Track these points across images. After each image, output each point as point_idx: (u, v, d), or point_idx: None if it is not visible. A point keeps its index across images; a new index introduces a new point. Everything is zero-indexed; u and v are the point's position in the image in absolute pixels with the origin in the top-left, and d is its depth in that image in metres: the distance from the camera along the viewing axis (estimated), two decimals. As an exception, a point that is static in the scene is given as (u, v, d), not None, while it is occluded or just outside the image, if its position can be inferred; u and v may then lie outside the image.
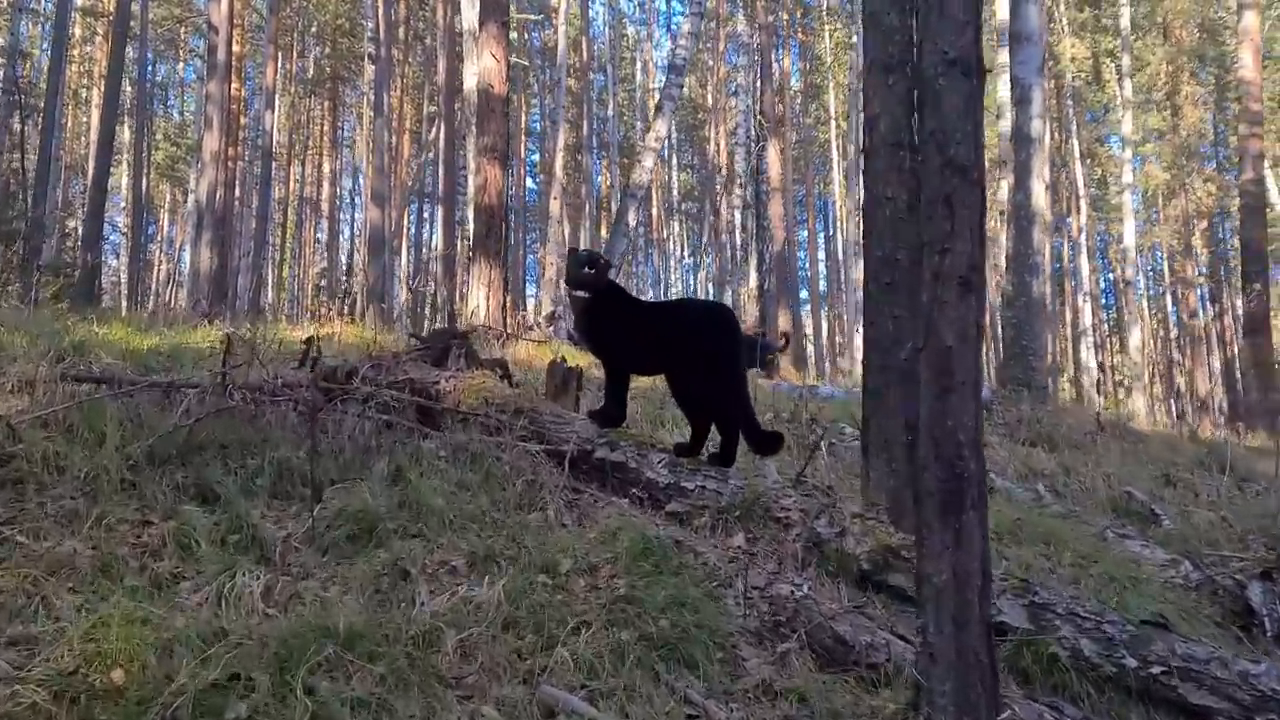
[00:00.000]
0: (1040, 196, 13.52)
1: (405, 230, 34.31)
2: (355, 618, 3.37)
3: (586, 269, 5.47)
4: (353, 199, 42.84)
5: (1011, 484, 7.54)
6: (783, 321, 21.29)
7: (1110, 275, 42.65)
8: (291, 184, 39.50)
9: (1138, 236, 27.31)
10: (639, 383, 7.24)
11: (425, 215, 37.55)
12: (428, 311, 28.83)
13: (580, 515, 5.00)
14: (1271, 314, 21.48)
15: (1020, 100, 13.55)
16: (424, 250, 36.74)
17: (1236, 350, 33.38)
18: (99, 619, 3.16)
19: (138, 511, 4.31)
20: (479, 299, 11.76)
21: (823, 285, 46.18)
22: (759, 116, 20.23)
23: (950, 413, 3.29)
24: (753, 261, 20.31)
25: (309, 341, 6.54)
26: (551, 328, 13.82)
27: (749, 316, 19.02)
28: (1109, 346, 39.38)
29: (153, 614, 3.40)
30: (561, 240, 20.26)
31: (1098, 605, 4.14)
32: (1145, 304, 28.14)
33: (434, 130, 29.81)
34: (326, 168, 42.12)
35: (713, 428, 5.47)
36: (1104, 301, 41.44)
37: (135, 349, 7.92)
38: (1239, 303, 30.23)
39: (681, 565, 4.30)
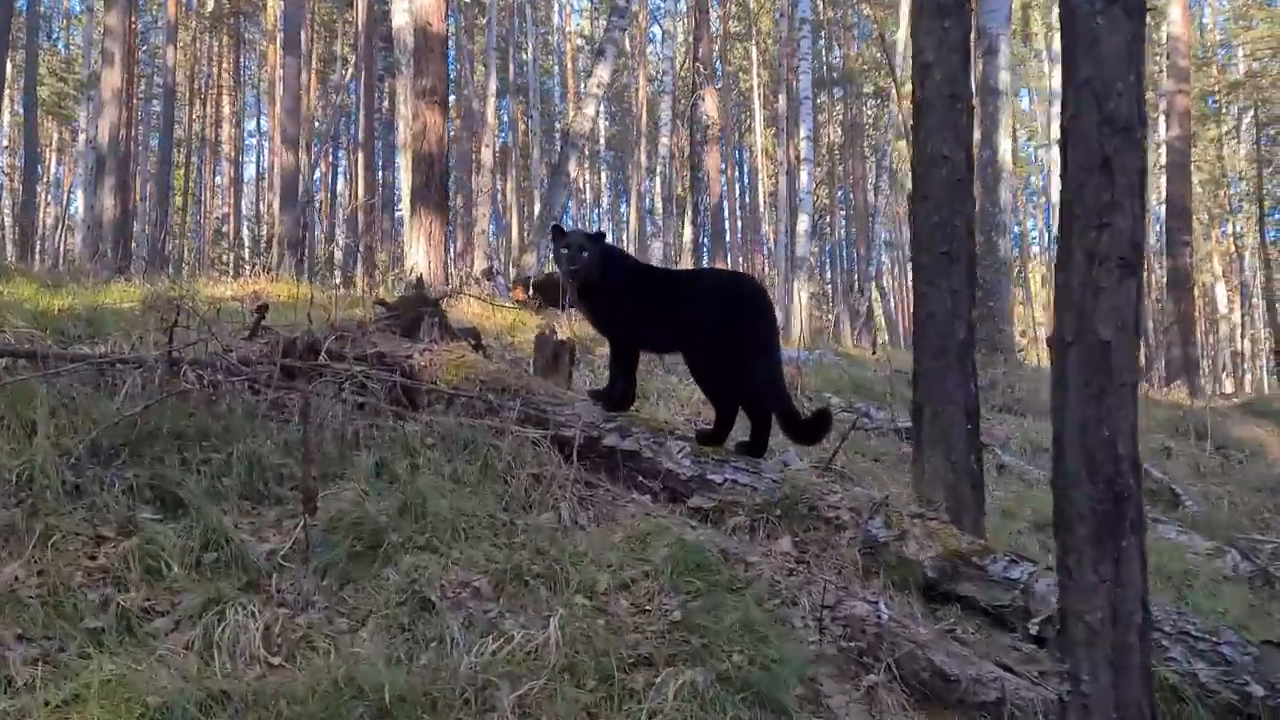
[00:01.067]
0: (1007, 152, 13.18)
1: (309, 175, 32.74)
2: (390, 673, 2.75)
3: (571, 260, 4.80)
4: (259, 142, 40.80)
5: (1018, 459, 7.12)
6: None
7: (1017, 230, 43.17)
8: (192, 125, 37.40)
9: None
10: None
11: (337, 162, 35.91)
12: (341, 262, 27.58)
13: (597, 515, 4.40)
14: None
15: (988, 51, 13.06)
16: (339, 199, 35.21)
17: (1152, 303, 33.86)
18: (73, 691, 2.49)
19: (87, 523, 3.60)
20: (419, 254, 10.92)
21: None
22: (696, 63, 19.50)
23: (1107, 420, 2.78)
24: (688, 214, 19.63)
25: (261, 310, 5.78)
26: (491, 283, 13.07)
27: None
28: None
29: (131, 670, 2.74)
30: (493, 190, 19.33)
31: (1209, 623, 3.69)
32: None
33: (348, 72, 28.35)
34: (227, 108, 39.98)
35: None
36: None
37: (46, 311, 7.06)
38: (1156, 260, 30.66)
39: (734, 579, 3.75)
